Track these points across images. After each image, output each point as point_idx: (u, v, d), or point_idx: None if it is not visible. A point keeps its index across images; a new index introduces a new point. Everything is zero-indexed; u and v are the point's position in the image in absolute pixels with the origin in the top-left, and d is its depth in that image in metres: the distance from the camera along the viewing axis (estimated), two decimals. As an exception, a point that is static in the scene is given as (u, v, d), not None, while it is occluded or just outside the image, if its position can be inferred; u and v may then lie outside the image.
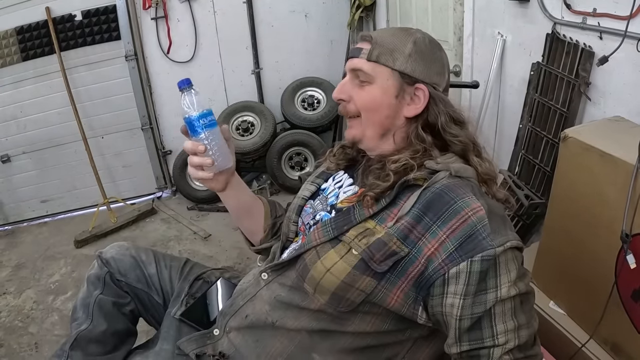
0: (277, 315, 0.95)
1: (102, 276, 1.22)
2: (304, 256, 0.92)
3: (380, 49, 0.94)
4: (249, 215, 1.19)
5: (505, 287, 0.81)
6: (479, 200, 0.83)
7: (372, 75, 0.95)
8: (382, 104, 0.95)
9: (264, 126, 3.36)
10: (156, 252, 1.33)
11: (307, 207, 1.09)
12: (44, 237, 3.27)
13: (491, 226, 0.81)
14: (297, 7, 3.39)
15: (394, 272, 0.84)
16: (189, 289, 1.24)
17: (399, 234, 0.84)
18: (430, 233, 0.83)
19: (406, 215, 0.86)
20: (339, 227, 0.91)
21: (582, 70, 1.55)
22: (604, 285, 1.19)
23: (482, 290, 0.81)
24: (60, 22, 3.01)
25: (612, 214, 1.15)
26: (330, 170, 1.11)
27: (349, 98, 0.98)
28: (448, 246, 0.81)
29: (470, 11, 2.10)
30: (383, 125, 0.97)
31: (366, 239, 0.86)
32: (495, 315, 0.81)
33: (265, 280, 0.99)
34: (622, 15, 1.40)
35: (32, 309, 2.51)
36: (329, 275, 0.87)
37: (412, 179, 0.88)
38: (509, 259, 0.82)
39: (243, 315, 0.99)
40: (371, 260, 0.84)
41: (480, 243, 0.80)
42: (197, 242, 3.03)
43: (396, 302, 0.86)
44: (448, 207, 0.83)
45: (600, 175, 1.19)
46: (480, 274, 0.80)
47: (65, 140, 3.30)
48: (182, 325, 1.16)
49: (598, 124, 1.39)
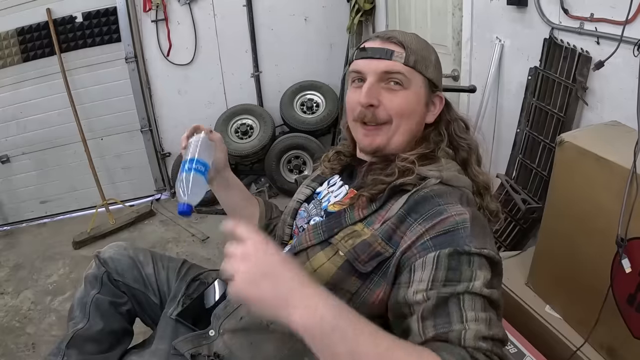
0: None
1: (99, 276, 1.23)
2: (295, 258, 0.93)
3: (416, 55, 0.94)
4: (242, 212, 1.20)
5: (480, 282, 0.73)
6: (464, 207, 0.83)
7: (410, 80, 0.94)
8: (416, 111, 0.95)
9: (263, 129, 3.36)
10: (154, 252, 1.33)
11: (301, 210, 1.09)
12: (42, 237, 3.28)
13: (472, 230, 0.79)
14: (297, 11, 3.41)
15: (379, 273, 0.84)
16: (186, 289, 1.24)
17: (384, 235, 0.84)
18: (411, 230, 0.82)
19: (392, 218, 0.86)
20: (330, 229, 0.91)
21: (580, 75, 1.55)
22: (600, 289, 1.19)
23: (454, 280, 0.74)
24: (61, 24, 3.03)
25: (607, 218, 1.15)
26: (325, 174, 1.11)
27: (378, 103, 0.94)
28: (424, 237, 0.80)
29: (469, 16, 2.11)
30: (413, 132, 0.97)
31: (352, 240, 0.86)
32: (465, 301, 0.72)
33: None
34: (619, 20, 1.40)
35: (30, 310, 2.52)
36: (315, 276, 0.87)
37: (400, 183, 0.89)
38: (483, 264, 0.76)
39: (237, 318, 1.00)
40: (356, 260, 0.85)
41: (456, 240, 0.77)
42: (195, 244, 3.03)
43: (378, 303, 0.84)
44: (432, 208, 0.83)
45: (596, 179, 1.19)
46: (450, 262, 0.75)
47: (65, 141, 3.31)
48: (178, 325, 1.16)
49: (594, 128, 1.39)
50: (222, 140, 1.11)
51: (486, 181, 0.97)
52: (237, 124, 3.41)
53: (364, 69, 0.96)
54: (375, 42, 0.97)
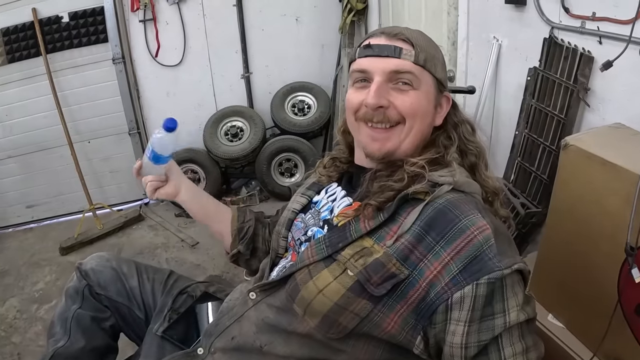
0: (265, 339, 0.88)
1: (80, 289, 1.18)
2: (295, 275, 0.86)
3: (426, 53, 0.88)
4: (215, 220, 1.17)
5: (514, 312, 0.75)
6: (484, 219, 0.78)
7: (420, 80, 0.88)
8: (427, 111, 0.90)
9: (254, 131, 3.30)
10: (138, 263, 1.28)
11: (297, 221, 1.02)
12: (29, 243, 3.20)
13: (498, 247, 0.75)
14: (288, 11, 3.35)
15: (392, 296, 0.78)
16: (173, 303, 1.19)
17: (399, 255, 0.78)
18: (433, 254, 0.76)
19: (406, 234, 0.79)
20: (333, 244, 0.84)
21: (581, 76, 1.51)
22: (606, 298, 1.14)
23: (488, 316, 0.75)
24: (46, 24, 2.96)
25: (614, 225, 1.10)
26: (322, 182, 1.04)
27: (388, 103, 0.88)
28: (452, 268, 0.75)
29: (465, 15, 2.06)
30: (423, 134, 0.91)
31: (363, 259, 0.79)
32: (503, 339, 0.75)
33: (253, 300, 0.92)
34: (622, 19, 1.36)
35: (16, 318, 2.45)
36: (321, 297, 0.80)
37: (411, 192, 0.82)
38: (515, 281, 0.77)
39: (229, 337, 0.93)
40: (368, 282, 0.78)
41: (487, 264, 0.74)
42: (185, 249, 2.96)
43: (393, 328, 0.79)
44: (452, 225, 0.77)
45: (603, 184, 1.14)
46: (486, 297, 0.74)
47: (52, 144, 3.23)
48: (164, 342, 1.11)
49: (599, 131, 1.35)
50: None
51: (495, 186, 0.91)
52: (227, 126, 3.34)
53: (370, 68, 0.89)
54: (380, 39, 0.89)
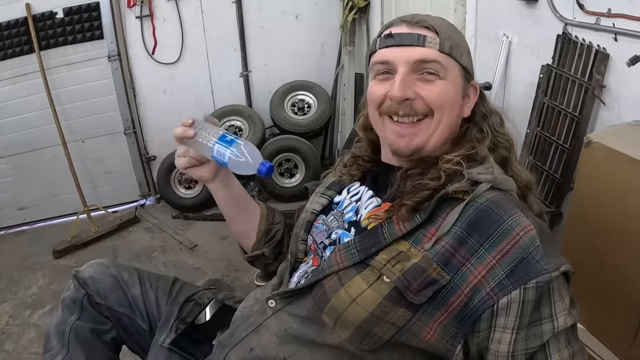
0: (288, 351, 0.82)
1: (78, 299, 1.10)
2: (323, 282, 0.80)
3: (451, 40, 0.83)
4: (242, 215, 1.06)
5: (562, 317, 0.72)
6: (528, 218, 0.73)
7: (446, 69, 0.83)
8: (455, 102, 0.85)
9: (253, 131, 3.24)
10: (140, 270, 1.20)
11: (318, 223, 0.96)
12: (21, 246, 3.11)
13: (544, 248, 0.71)
14: (288, 8, 3.30)
15: (432, 303, 0.73)
16: (179, 312, 1.12)
17: (439, 259, 0.73)
18: (477, 258, 0.72)
19: (446, 236, 0.74)
20: (366, 249, 0.78)
21: (597, 73, 1.48)
22: (631, 301, 1.11)
23: (536, 321, 0.71)
24: (40, 20, 2.87)
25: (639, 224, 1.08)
26: (344, 181, 0.98)
27: (414, 95, 0.83)
28: (498, 272, 0.70)
29: (473, 12, 2.02)
30: (452, 127, 0.87)
31: (401, 264, 0.74)
32: (550, 345, 0.72)
33: (272, 309, 0.86)
34: (638, 15, 1.34)
35: (8, 324, 2.37)
36: (355, 306, 0.75)
37: (452, 191, 0.77)
38: (561, 284, 0.74)
39: (247, 348, 0.86)
40: (407, 289, 0.73)
41: (534, 267, 0.70)
42: (183, 252, 2.88)
43: (432, 337, 0.74)
44: (497, 226, 0.72)
45: (628, 183, 1.10)
46: (534, 302, 0.70)
47: (44, 144, 3.14)
48: (171, 354, 1.05)
49: (619, 128, 1.31)
50: None
51: (529, 180, 0.86)
52: (225, 125, 3.26)
53: (392, 58, 0.84)
54: (401, 27, 0.85)
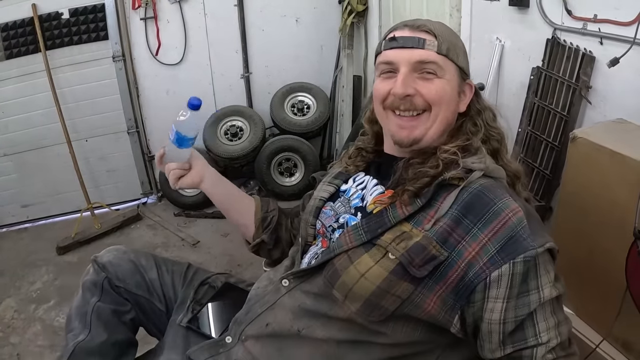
0: (302, 324, 0.90)
1: (99, 282, 1.15)
2: (334, 261, 0.88)
3: (448, 43, 0.93)
4: (237, 209, 1.18)
5: (548, 288, 0.81)
6: (516, 202, 0.83)
7: (444, 69, 0.92)
8: (451, 98, 0.94)
9: (253, 131, 3.31)
10: (156, 256, 1.27)
11: (326, 209, 1.04)
12: (24, 243, 3.14)
13: (530, 227, 0.81)
14: (289, 12, 3.37)
15: (433, 277, 0.82)
16: (194, 294, 1.19)
17: (438, 237, 0.82)
18: (471, 236, 0.81)
19: (444, 217, 0.84)
20: (372, 230, 0.87)
21: (583, 75, 1.57)
22: (615, 282, 1.19)
23: (524, 292, 0.80)
24: (46, 20, 2.92)
25: (622, 212, 1.15)
26: (349, 172, 1.07)
27: (415, 92, 0.93)
28: (489, 249, 0.80)
29: (468, 17, 2.12)
30: (449, 121, 0.96)
31: (404, 243, 0.83)
32: (537, 314, 0.81)
33: (286, 287, 0.94)
34: (622, 21, 1.42)
35: (13, 318, 2.41)
36: (364, 281, 0.84)
37: (448, 178, 0.86)
38: (547, 260, 0.82)
39: (263, 324, 0.94)
40: (410, 265, 0.82)
41: (522, 244, 0.79)
42: (186, 249, 2.95)
43: (433, 308, 0.83)
44: (488, 208, 0.82)
45: (611, 174, 1.20)
46: (522, 275, 0.79)
47: (48, 142, 3.18)
48: (189, 333, 1.11)
49: (603, 125, 1.41)
50: None
51: (517, 169, 0.96)
52: (226, 125, 3.34)
53: (396, 59, 0.93)
54: (404, 31, 0.95)
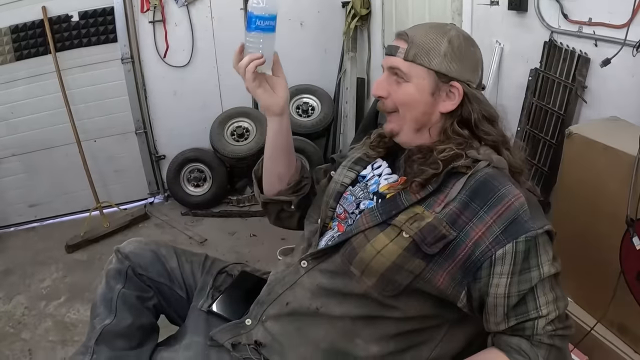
0: (320, 302, 0.98)
1: (123, 270, 1.20)
2: (351, 240, 0.96)
3: (417, 49, 0.99)
4: (284, 157, 1.19)
5: (547, 266, 0.89)
6: (518, 189, 0.91)
7: (409, 74, 1.00)
8: (419, 101, 1.00)
9: (259, 132, 3.36)
10: (175, 247, 1.33)
11: (347, 194, 1.11)
12: (32, 242, 3.18)
13: (530, 211, 0.89)
14: (293, 16, 3.44)
15: (442, 255, 0.90)
16: (214, 282, 1.25)
17: (448, 219, 0.90)
18: (478, 218, 0.89)
19: (453, 201, 0.92)
20: (387, 211, 0.96)
21: (579, 75, 1.65)
22: (609, 268, 1.26)
23: (526, 269, 0.89)
24: (56, 22, 2.98)
25: (615, 202, 1.23)
26: (370, 157, 1.15)
27: (387, 94, 1.03)
28: (494, 230, 0.88)
29: (469, 21, 2.19)
30: (419, 121, 1.02)
31: (417, 223, 0.91)
32: (538, 289, 0.89)
33: (305, 268, 1.02)
34: (616, 24, 1.50)
35: (24, 315, 2.44)
36: (380, 257, 0.92)
37: (458, 166, 0.94)
38: (546, 240, 0.91)
39: (283, 303, 1.02)
40: (422, 242, 0.90)
41: (523, 226, 0.88)
42: (193, 247, 2.99)
43: (442, 284, 0.91)
44: (493, 193, 0.90)
45: (604, 167, 1.28)
46: (524, 253, 0.88)
47: (57, 143, 3.24)
48: (210, 317, 1.16)
49: (597, 123, 1.49)
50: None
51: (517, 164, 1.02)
52: (233, 126, 3.41)
53: (383, 64, 1.06)
54: (393, 39, 1.05)
